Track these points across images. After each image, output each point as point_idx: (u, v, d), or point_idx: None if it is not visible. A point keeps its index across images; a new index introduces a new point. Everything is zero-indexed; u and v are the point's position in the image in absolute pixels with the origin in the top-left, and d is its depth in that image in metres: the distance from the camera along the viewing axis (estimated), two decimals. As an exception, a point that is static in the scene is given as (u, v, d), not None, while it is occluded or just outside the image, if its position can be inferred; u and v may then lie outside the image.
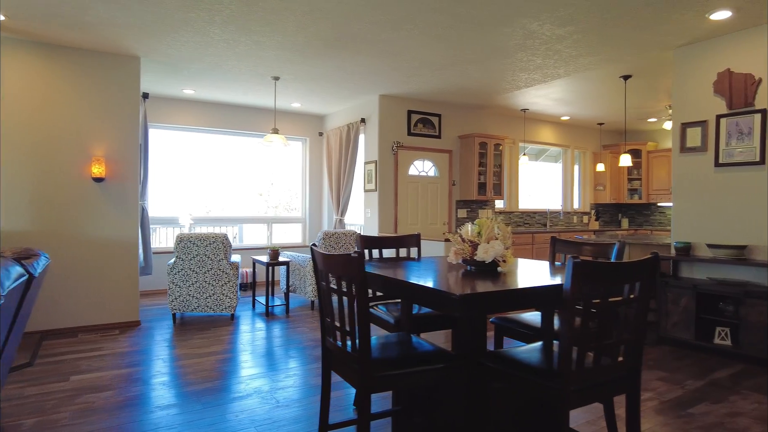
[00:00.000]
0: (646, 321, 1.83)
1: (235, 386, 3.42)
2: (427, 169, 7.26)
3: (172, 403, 3.11)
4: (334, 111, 7.90)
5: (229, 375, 3.66)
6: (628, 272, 1.69)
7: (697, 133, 4.60)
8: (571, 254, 3.05)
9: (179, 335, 4.85)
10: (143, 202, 6.26)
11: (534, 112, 7.93)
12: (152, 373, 3.68)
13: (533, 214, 8.56)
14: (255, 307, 6.18)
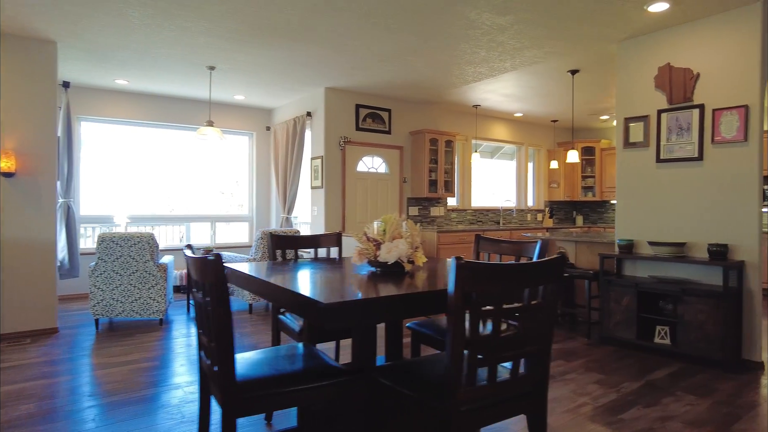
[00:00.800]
0: (552, 329, 1.64)
1: (144, 399, 3.11)
2: (377, 165, 7.04)
3: (73, 419, 2.78)
4: (281, 104, 7.59)
5: (141, 386, 3.34)
6: (526, 274, 1.49)
7: (639, 128, 4.52)
8: (496, 252, 2.86)
9: (99, 343, 4.47)
10: (69, 200, 5.82)
11: (486, 109, 7.81)
12: (56, 387, 3.32)
13: (486, 211, 8.45)
14: (190, 311, 5.82)
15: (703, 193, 4.08)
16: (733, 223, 3.90)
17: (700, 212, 4.10)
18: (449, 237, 6.90)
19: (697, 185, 4.12)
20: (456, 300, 1.35)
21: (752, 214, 3.80)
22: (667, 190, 4.32)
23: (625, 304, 4.25)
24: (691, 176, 4.16)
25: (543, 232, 8.20)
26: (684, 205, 4.20)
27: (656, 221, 4.39)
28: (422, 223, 7.48)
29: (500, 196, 8.85)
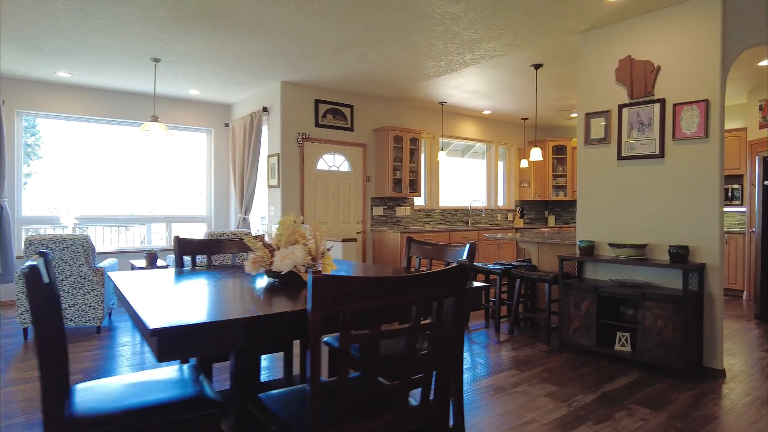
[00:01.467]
0: (458, 349, 1.38)
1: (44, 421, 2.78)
2: (339, 163, 6.76)
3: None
4: (240, 100, 7.26)
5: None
6: (411, 288, 1.22)
7: (600, 123, 4.31)
8: (424, 257, 2.61)
9: (24, 355, 4.11)
10: (1, 200, 5.44)
11: (453, 106, 7.58)
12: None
13: (455, 212, 8.23)
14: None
15: (664, 192, 3.89)
16: (695, 223, 3.71)
17: (662, 212, 3.90)
18: (414, 238, 6.64)
19: (658, 184, 3.93)
20: (313, 323, 1.08)
21: (713, 214, 3.61)
22: (628, 189, 4.12)
23: (585, 309, 4.04)
24: (652, 174, 3.96)
25: (513, 232, 8.01)
26: (646, 205, 4.01)
27: (618, 222, 4.19)
28: (388, 224, 7.23)
29: (471, 196, 8.63)
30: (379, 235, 6.90)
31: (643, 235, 4.02)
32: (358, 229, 6.91)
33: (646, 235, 4.00)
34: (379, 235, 6.91)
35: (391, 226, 7.26)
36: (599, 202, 4.32)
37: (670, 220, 3.85)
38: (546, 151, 9.08)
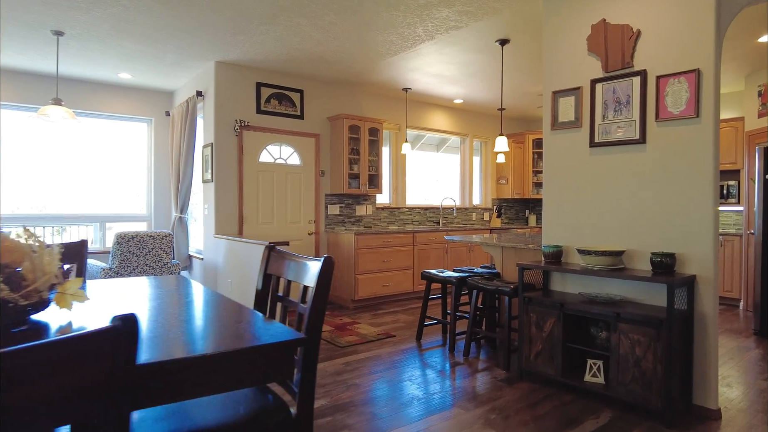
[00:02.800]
0: None
1: None
2: (287, 155, 5.99)
3: None
4: (181, 85, 6.48)
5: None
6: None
7: (570, 103, 3.57)
8: (280, 275, 1.86)
9: None
10: None
11: (419, 93, 6.82)
12: None
13: (424, 210, 7.48)
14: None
15: (646, 186, 3.15)
16: (683, 225, 2.97)
17: (643, 211, 3.16)
18: (370, 239, 5.89)
19: (639, 176, 3.19)
20: None
21: (705, 213, 2.87)
22: (603, 182, 3.38)
23: (549, 330, 3.29)
24: (632, 164, 3.23)
25: (487, 233, 7.27)
26: (623, 202, 3.27)
27: (590, 223, 3.45)
28: (345, 224, 6.47)
29: (444, 194, 7.88)
30: (334, 237, 6.14)
31: (620, 239, 3.28)
32: (311, 230, 6.15)
33: (624, 240, 3.26)
34: (334, 237, 6.16)
35: (349, 227, 6.50)
36: (568, 199, 3.58)
37: (652, 221, 3.11)
38: (525, 144, 8.35)
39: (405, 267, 6.26)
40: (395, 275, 6.16)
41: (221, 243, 5.20)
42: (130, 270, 4.57)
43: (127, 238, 4.53)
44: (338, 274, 6.07)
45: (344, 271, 5.95)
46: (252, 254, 4.50)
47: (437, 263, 6.62)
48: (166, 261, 4.78)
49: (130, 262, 4.57)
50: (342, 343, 4.30)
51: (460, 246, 6.81)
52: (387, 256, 6.07)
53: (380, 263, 6.01)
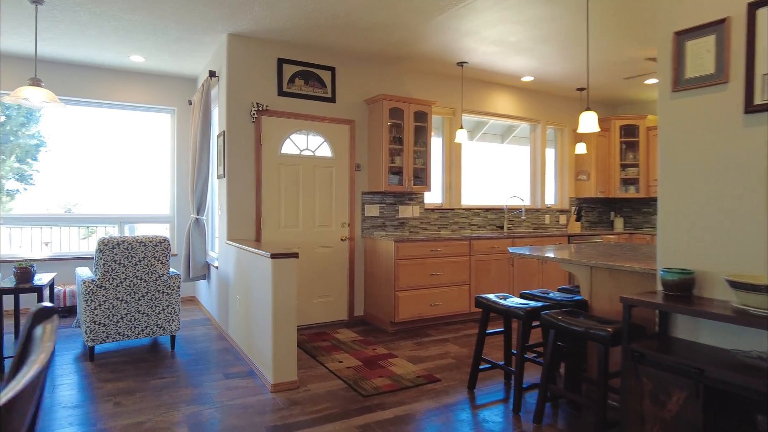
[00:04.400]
0: None
1: None
2: (315, 145, 5.01)
3: None
4: (201, 68, 5.70)
5: None
6: None
7: (706, 47, 2.27)
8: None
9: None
10: None
11: (477, 67, 5.60)
12: None
13: (485, 212, 6.24)
14: (55, 347, 4.01)
15: None
16: None
17: None
18: (414, 248, 4.78)
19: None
20: None
21: None
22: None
23: (675, 410, 2.04)
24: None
25: (563, 240, 5.92)
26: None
27: (745, 236, 2.14)
28: (386, 228, 5.39)
29: (509, 193, 6.60)
30: (372, 244, 5.09)
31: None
32: (344, 235, 5.13)
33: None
34: (371, 244, 5.10)
35: (390, 231, 5.42)
36: (702, 197, 2.29)
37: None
38: (611, 133, 6.87)
39: (458, 282, 5.09)
40: (446, 293, 5.00)
41: (231, 251, 4.31)
42: (116, 283, 3.77)
43: (111, 244, 3.72)
44: (375, 290, 5.00)
45: (383, 286, 4.87)
46: (256, 266, 3.54)
47: (500, 278, 5.38)
48: (161, 272, 3.93)
49: (116, 274, 3.76)
50: (367, 390, 3.22)
51: (528, 260, 5.52)
52: (435, 268, 4.93)
53: (427, 277, 4.87)
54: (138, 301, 3.88)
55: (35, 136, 9.86)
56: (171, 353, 4.03)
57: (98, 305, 3.73)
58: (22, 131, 9.92)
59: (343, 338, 4.48)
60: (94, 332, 3.73)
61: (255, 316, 3.60)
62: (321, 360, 3.85)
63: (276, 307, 3.23)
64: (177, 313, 4.06)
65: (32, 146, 10.04)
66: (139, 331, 3.91)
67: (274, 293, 3.22)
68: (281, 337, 3.25)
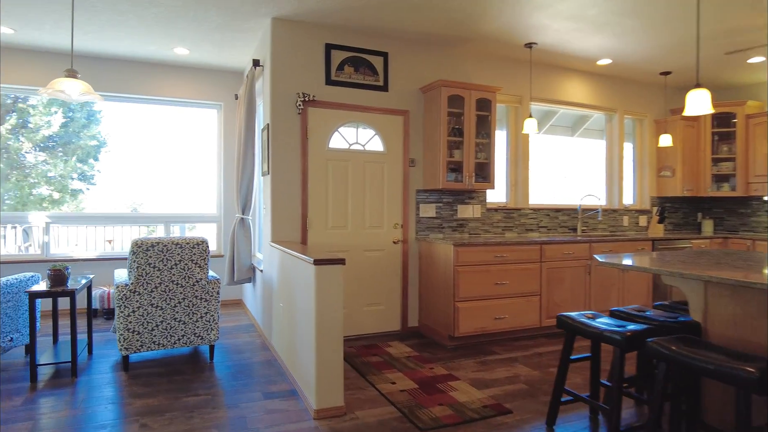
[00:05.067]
0: None
1: None
2: (365, 139, 4.57)
3: None
4: (247, 60, 5.41)
5: None
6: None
7: None
8: None
9: None
10: None
11: (548, 50, 4.97)
12: None
13: (555, 213, 5.57)
14: (92, 353, 3.85)
15: None
16: None
17: None
18: (476, 253, 4.24)
19: None
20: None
21: None
22: None
23: None
24: None
25: (647, 245, 5.18)
26: None
27: None
28: (444, 230, 4.87)
29: (582, 191, 5.90)
30: (428, 247, 4.59)
31: None
32: (396, 237, 4.66)
33: None
34: (427, 247, 4.60)
35: (448, 233, 4.89)
36: None
37: None
38: (701, 123, 6.02)
39: (527, 293, 4.49)
40: (512, 304, 4.42)
41: (275, 254, 3.94)
42: (151, 288, 3.48)
43: (145, 246, 3.43)
44: (432, 299, 4.50)
45: (440, 295, 4.36)
46: (299, 272, 3.13)
47: (575, 289, 4.73)
48: (199, 276, 3.61)
49: (151, 278, 3.47)
50: (425, 422, 2.73)
51: (607, 268, 4.83)
52: (501, 276, 4.36)
53: (491, 286, 4.31)
54: (174, 307, 3.58)
55: (95, 137, 10.09)
56: (209, 365, 3.70)
57: (132, 312, 3.45)
58: (83, 132, 10.18)
59: (395, 353, 4.01)
60: (128, 341, 3.45)
61: (298, 328, 3.20)
62: (371, 379, 3.39)
63: (319, 321, 2.80)
64: (216, 321, 3.73)
65: (93, 147, 10.29)
66: (175, 340, 3.60)
67: (317, 304, 2.79)
68: (325, 355, 2.82)
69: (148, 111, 5.74)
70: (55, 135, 9.21)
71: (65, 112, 9.47)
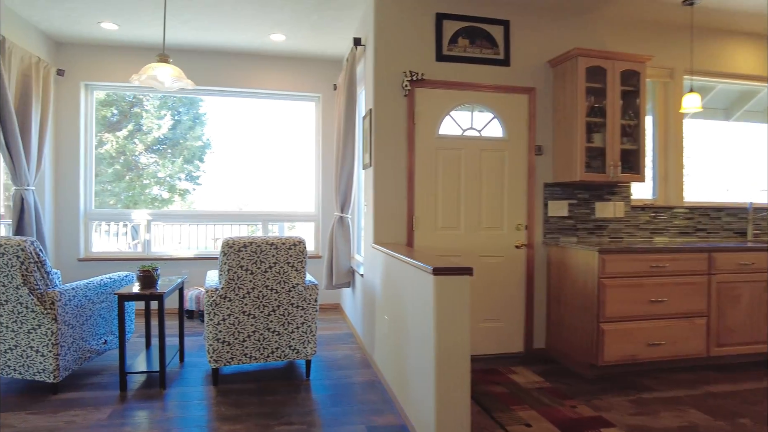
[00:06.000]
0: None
1: None
2: (482, 123, 3.89)
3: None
4: (346, 46, 4.97)
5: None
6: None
7: None
8: None
9: None
10: (21, 188, 4.15)
11: (712, 7, 3.93)
12: None
13: (716, 212, 4.46)
14: (184, 359, 3.62)
15: None
16: None
17: None
18: (627, 262, 3.38)
19: None
20: None
21: None
22: None
23: None
24: None
25: None
26: None
27: None
28: (578, 232, 4.03)
29: (748, 186, 4.72)
30: (560, 254, 3.79)
31: None
32: (519, 241, 3.91)
33: None
34: (558, 254, 3.80)
35: (584, 237, 4.05)
36: None
37: None
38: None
39: (690, 313, 3.52)
40: (671, 327, 3.48)
41: (378, 256, 3.40)
42: (243, 293, 3.08)
43: (236, 247, 3.04)
44: (565, 317, 3.69)
45: (578, 313, 3.54)
46: (411, 281, 2.54)
47: (753, 309, 3.65)
48: (296, 281, 3.17)
49: (243, 282, 3.07)
50: (582, 490, 1.99)
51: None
52: (658, 291, 3.44)
53: (644, 304, 3.42)
54: (268, 316, 3.15)
55: (200, 138, 10.40)
56: (305, 382, 3.24)
57: (222, 320, 3.08)
58: (189, 134, 10.54)
59: (522, 382, 3.27)
60: (218, 352, 3.08)
61: (409, 349, 2.60)
62: (499, 418, 2.70)
63: (440, 346, 2.18)
64: (314, 333, 3.26)
65: (198, 148, 10.62)
66: (268, 353, 3.18)
67: (437, 325, 2.17)
68: (448, 390, 2.19)
69: (246, 106, 5.53)
70: (164, 137, 9.56)
71: (173, 115, 9.82)
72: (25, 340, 2.92)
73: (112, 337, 3.46)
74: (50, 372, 2.92)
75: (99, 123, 8.43)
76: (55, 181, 4.90)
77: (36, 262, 2.90)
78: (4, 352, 2.95)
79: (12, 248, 2.84)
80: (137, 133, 9.26)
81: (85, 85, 5.05)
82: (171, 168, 9.68)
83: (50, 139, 4.72)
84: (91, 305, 3.24)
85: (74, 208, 4.98)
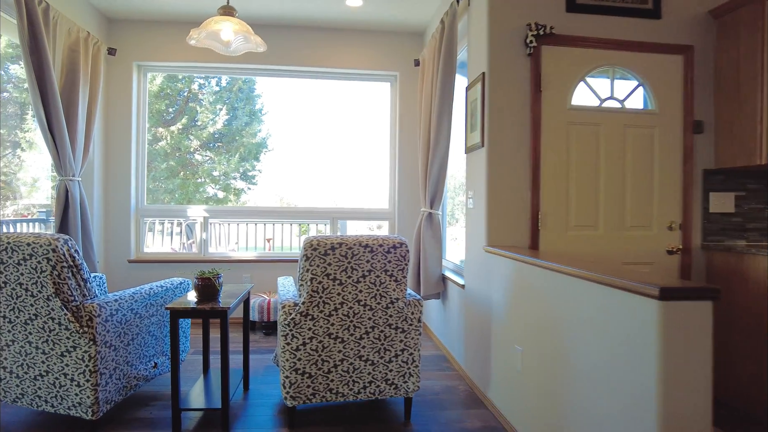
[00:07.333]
0: None
1: None
2: (624, 92, 3.00)
3: None
4: (432, 13, 4.20)
5: None
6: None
7: None
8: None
9: None
10: (66, 178, 3.61)
11: None
12: None
13: None
14: (249, 387, 2.94)
15: None
16: None
17: None
18: None
19: None
20: None
21: None
22: None
23: None
24: None
25: None
26: None
27: None
28: (748, 234, 3.08)
29: None
30: (724, 260, 2.85)
31: None
32: (672, 244, 3.00)
33: None
34: (722, 260, 2.87)
35: (755, 239, 3.09)
36: None
37: None
38: None
39: None
40: None
41: (497, 263, 2.59)
42: (329, 310, 2.35)
43: (322, 249, 2.32)
44: (740, 347, 2.75)
45: (753, 339, 2.60)
46: (587, 305, 1.72)
47: None
48: (395, 295, 2.41)
49: (331, 295, 2.34)
50: None
51: None
52: None
53: None
54: (359, 340, 2.41)
55: (256, 134, 9.91)
56: (406, 428, 2.47)
57: (302, 344, 2.35)
58: (246, 130, 10.08)
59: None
60: (296, 386, 2.36)
61: (582, 401, 1.78)
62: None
63: (670, 417, 1.34)
64: (416, 363, 2.49)
65: (254, 145, 10.14)
66: (359, 388, 2.43)
67: (664, 381, 1.34)
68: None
69: (312, 90, 4.86)
70: (219, 133, 9.12)
71: (229, 111, 9.37)
72: (57, 365, 2.30)
73: (163, 359, 2.81)
74: (87, 407, 2.28)
75: (153, 117, 8.03)
76: (104, 172, 4.38)
77: (71, 266, 2.27)
78: (34, 379, 2.34)
79: (41, 248, 2.22)
80: (192, 129, 8.85)
81: (138, 65, 4.51)
82: (226, 165, 9.23)
83: (99, 125, 4.21)
84: (139, 320, 2.59)
85: (125, 203, 4.45)
